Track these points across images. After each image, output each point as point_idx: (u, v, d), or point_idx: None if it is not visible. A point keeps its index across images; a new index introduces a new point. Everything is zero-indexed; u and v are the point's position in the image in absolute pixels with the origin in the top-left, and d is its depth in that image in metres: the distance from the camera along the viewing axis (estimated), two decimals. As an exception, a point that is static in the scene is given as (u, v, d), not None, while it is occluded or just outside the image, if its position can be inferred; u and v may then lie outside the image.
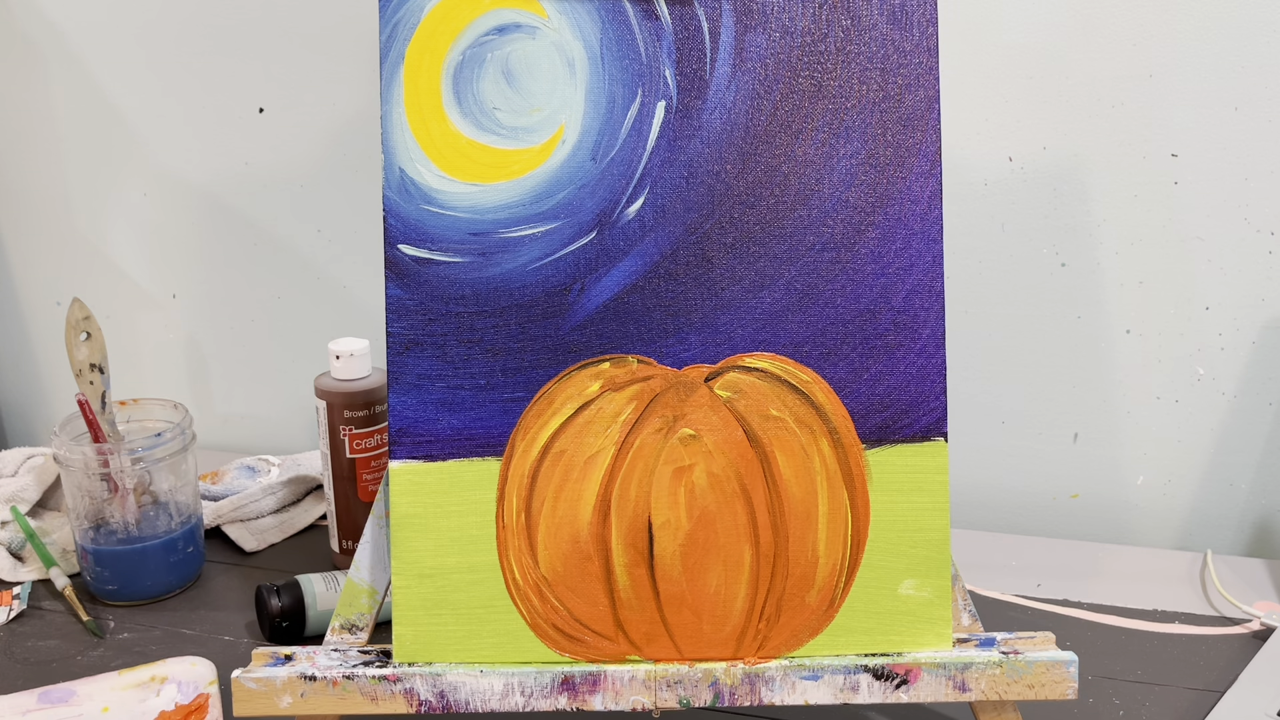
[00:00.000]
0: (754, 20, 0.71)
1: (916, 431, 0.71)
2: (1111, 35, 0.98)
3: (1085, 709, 0.81)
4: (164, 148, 1.24)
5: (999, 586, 0.97)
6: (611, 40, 0.71)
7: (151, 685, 0.76)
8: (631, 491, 0.71)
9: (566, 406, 0.71)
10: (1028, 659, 0.69)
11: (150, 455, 0.95)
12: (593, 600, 0.71)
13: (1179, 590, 0.96)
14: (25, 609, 0.96)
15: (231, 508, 1.06)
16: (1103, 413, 1.07)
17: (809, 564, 0.71)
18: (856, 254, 0.71)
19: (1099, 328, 1.04)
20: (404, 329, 0.71)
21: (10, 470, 1.10)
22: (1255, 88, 0.96)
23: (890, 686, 0.70)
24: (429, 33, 0.71)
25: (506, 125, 0.71)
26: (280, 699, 0.70)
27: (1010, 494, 1.11)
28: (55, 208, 1.30)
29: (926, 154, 0.71)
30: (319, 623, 0.90)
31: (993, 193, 1.03)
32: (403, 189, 0.71)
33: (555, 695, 0.70)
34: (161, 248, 1.28)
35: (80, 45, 1.23)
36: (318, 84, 1.17)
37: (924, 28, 0.71)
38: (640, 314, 0.71)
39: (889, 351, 0.71)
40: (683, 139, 0.71)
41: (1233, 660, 0.86)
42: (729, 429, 0.71)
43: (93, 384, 0.96)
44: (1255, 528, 1.06)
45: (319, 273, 1.24)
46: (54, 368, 1.37)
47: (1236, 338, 1.02)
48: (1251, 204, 0.98)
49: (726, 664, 0.70)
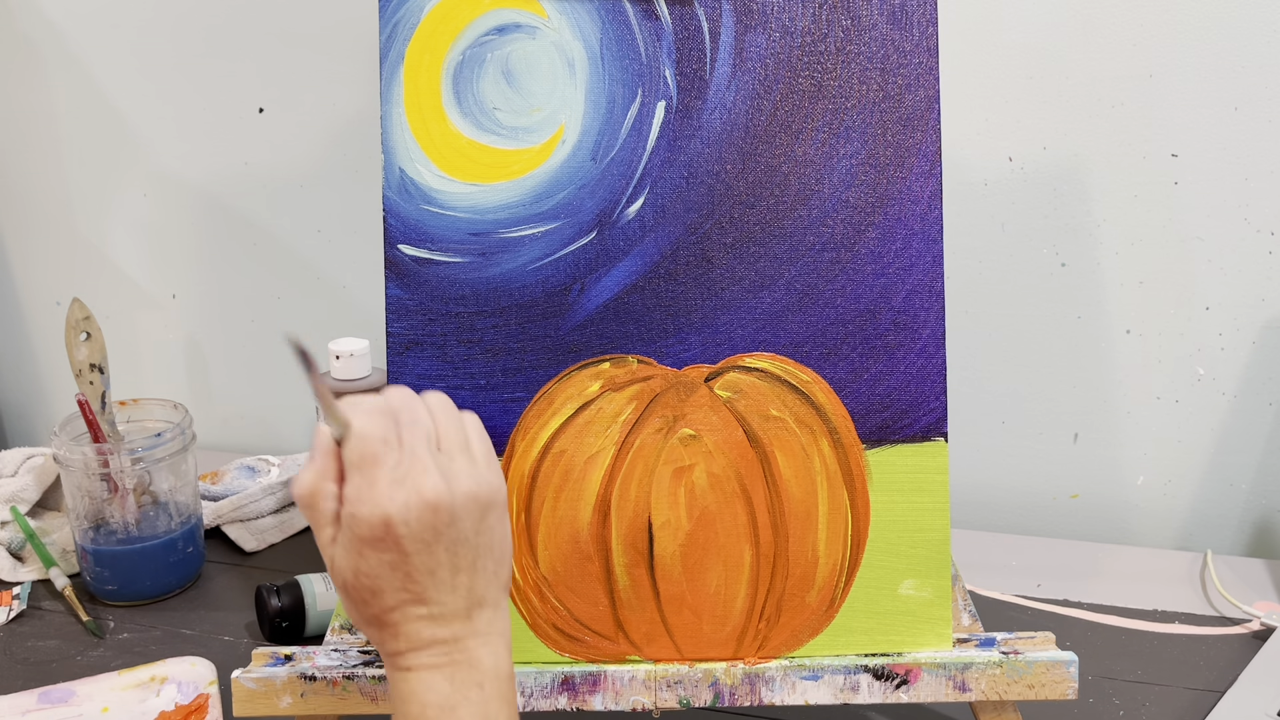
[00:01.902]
0: (754, 20, 0.71)
1: (916, 431, 0.71)
2: (1111, 35, 0.98)
3: (1085, 709, 0.81)
4: (164, 148, 1.24)
5: (999, 586, 0.97)
6: (611, 40, 0.71)
7: (151, 685, 0.76)
8: (631, 491, 0.71)
9: (566, 407, 0.71)
10: (1028, 659, 0.69)
11: (150, 455, 0.95)
12: (593, 600, 0.71)
13: (1179, 590, 0.96)
14: (25, 609, 0.96)
15: (231, 508, 1.06)
16: (1103, 413, 1.07)
17: (809, 564, 0.71)
18: (856, 254, 0.71)
19: (1099, 328, 1.04)
20: (404, 329, 0.71)
21: (10, 470, 1.10)
22: (1255, 88, 0.96)
23: (890, 686, 0.70)
24: (429, 33, 0.71)
25: (506, 125, 0.71)
26: (280, 699, 0.70)
27: (1010, 494, 1.11)
28: (56, 208, 1.30)
29: (926, 154, 0.71)
30: (319, 623, 0.90)
31: (993, 193, 1.03)
32: (403, 189, 0.71)
33: (555, 695, 0.70)
34: (161, 248, 1.28)
35: (80, 46, 1.23)
36: (318, 84, 1.17)
37: (924, 28, 0.71)
38: (640, 314, 0.71)
39: (889, 351, 0.71)
40: (683, 139, 0.71)
41: (1233, 660, 0.86)
42: (729, 429, 0.71)
43: (93, 384, 0.96)
44: (1255, 528, 1.06)
45: (319, 273, 1.24)
46: (54, 368, 1.37)
47: (1236, 338, 1.02)
48: (1251, 204, 0.98)
49: (727, 664, 0.70)
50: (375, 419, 0.56)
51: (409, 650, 0.56)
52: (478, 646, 0.57)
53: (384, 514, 0.54)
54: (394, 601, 0.56)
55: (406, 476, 0.55)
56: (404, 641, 0.56)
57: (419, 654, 0.56)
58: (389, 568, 0.55)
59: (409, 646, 0.56)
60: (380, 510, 0.54)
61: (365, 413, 0.56)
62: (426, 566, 0.55)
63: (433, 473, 0.55)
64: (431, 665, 0.56)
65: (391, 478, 0.55)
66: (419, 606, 0.56)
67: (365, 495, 0.55)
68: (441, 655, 0.56)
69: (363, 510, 0.55)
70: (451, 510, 0.55)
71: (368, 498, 0.55)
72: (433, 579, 0.56)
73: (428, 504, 0.55)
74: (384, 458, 0.55)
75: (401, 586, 0.56)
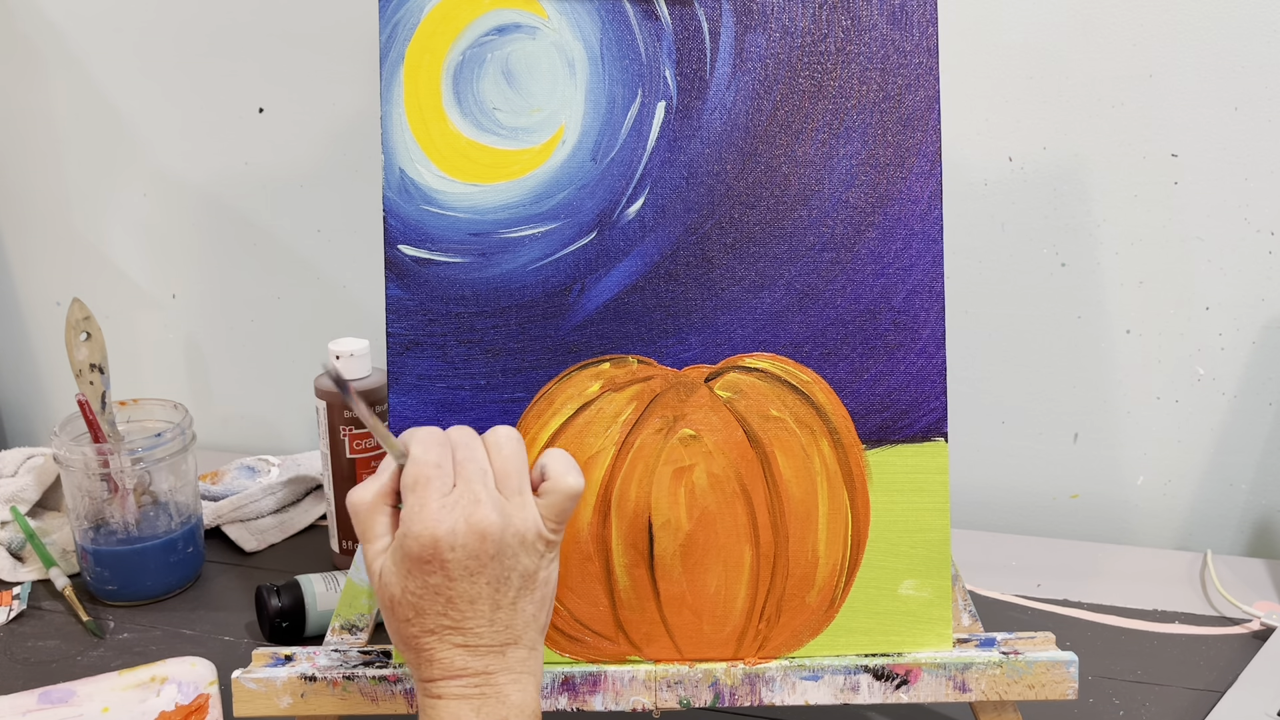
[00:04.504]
0: (754, 20, 0.71)
1: (917, 432, 0.71)
2: (1111, 35, 0.98)
3: (1085, 709, 0.81)
4: (164, 148, 1.24)
5: (999, 586, 0.97)
6: (611, 40, 0.71)
7: (151, 685, 0.76)
8: (632, 492, 0.71)
9: (567, 407, 0.71)
10: (1028, 659, 0.69)
11: (150, 455, 0.95)
12: (593, 600, 0.71)
13: (1179, 590, 0.96)
14: (25, 609, 0.96)
15: (231, 508, 1.06)
16: (1103, 413, 1.07)
17: (809, 564, 0.71)
18: (856, 254, 0.71)
19: (1099, 328, 1.04)
20: (404, 329, 0.71)
21: (10, 470, 1.10)
22: (1255, 88, 0.96)
23: (890, 687, 0.70)
24: (429, 33, 0.71)
25: (506, 125, 0.71)
26: (280, 699, 0.70)
27: (1010, 494, 1.11)
28: (55, 208, 1.30)
29: (926, 154, 0.71)
30: (319, 623, 0.90)
31: (993, 193, 1.03)
32: (403, 189, 0.71)
33: (555, 695, 0.70)
34: (161, 248, 1.28)
35: (80, 46, 1.23)
36: (318, 84, 1.17)
37: (924, 28, 0.71)
38: (640, 314, 0.71)
39: (889, 352, 0.71)
40: (683, 139, 0.71)
41: (1233, 660, 0.86)
42: (729, 429, 0.71)
43: (93, 384, 0.96)
44: (1255, 528, 1.06)
45: (319, 273, 1.24)
46: (54, 368, 1.37)
47: (1236, 338, 1.02)
48: (1251, 204, 0.98)
49: (727, 664, 0.70)
50: (431, 446, 0.60)
51: (442, 678, 0.59)
52: (508, 683, 0.59)
53: (433, 535, 0.57)
54: (434, 625, 0.58)
55: (457, 503, 0.58)
56: (438, 668, 0.59)
57: (450, 683, 0.59)
58: (433, 591, 0.58)
59: (442, 674, 0.59)
60: (430, 530, 0.57)
61: (421, 441, 0.60)
62: (468, 595, 0.58)
63: (484, 504, 0.58)
64: (460, 695, 0.58)
65: (442, 503, 0.58)
66: (456, 634, 0.59)
67: (416, 515, 0.58)
68: (471, 686, 0.59)
69: (414, 528, 0.58)
70: (500, 543, 0.58)
71: (418, 517, 0.58)
72: (473, 608, 0.59)
73: (475, 532, 0.58)
74: (435, 481, 0.58)
75: (442, 611, 0.58)
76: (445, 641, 0.58)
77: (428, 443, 0.60)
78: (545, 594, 0.61)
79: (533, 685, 0.60)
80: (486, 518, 0.58)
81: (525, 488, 0.61)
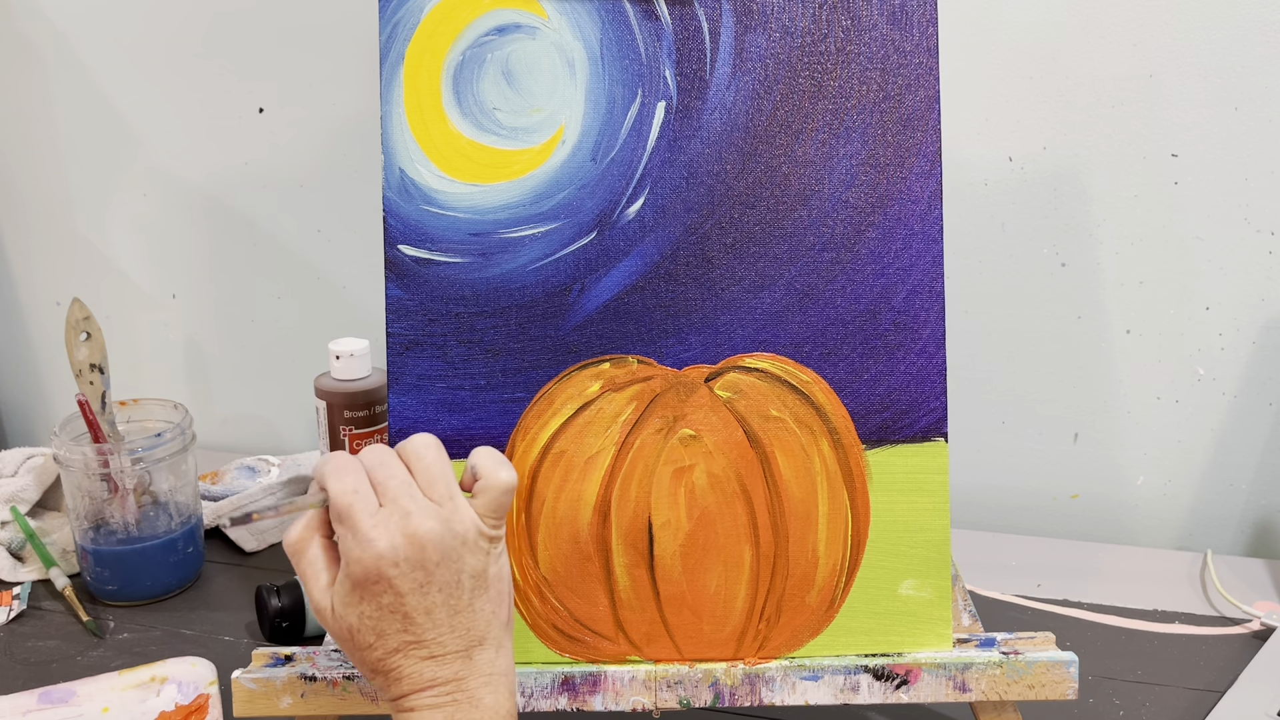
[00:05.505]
0: (754, 20, 0.71)
1: (917, 432, 0.71)
2: (1111, 35, 0.98)
3: (1085, 709, 0.81)
4: (164, 148, 1.24)
5: (999, 586, 0.97)
6: (611, 40, 0.71)
7: (151, 685, 0.76)
8: (631, 492, 0.71)
9: (567, 407, 0.71)
10: (1028, 659, 0.69)
11: (150, 455, 0.95)
12: (593, 600, 0.71)
13: (1179, 590, 0.96)
14: (25, 609, 0.96)
15: (231, 508, 1.06)
16: (1103, 413, 1.07)
17: (809, 564, 0.71)
18: (856, 254, 0.71)
19: (1099, 328, 1.04)
20: (404, 329, 0.71)
21: (10, 470, 1.10)
22: (1255, 88, 0.96)
23: (890, 687, 0.70)
24: (429, 33, 0.71)
25: (506, 125, 0.71)
26: (280, 699, 0.70)
27: (1010, 494, 1.11)
28: (55, 208, 1.30)
29: (926, 154, 0.71)
30: (319, 623, 0.90)
31: (993, 193, 1.03)
32: (403, 189, 0.71)
33: (555, 695, 0.70)
34: (161, 248, 1.28)
35: (80, 46, 1.23)
36: (318, 84, 1.17)
37: (924, 28, 0.71)
38: (640, 314, 0.71)
39: (889, 352, 0.71)
40: (683, 139, 0.71)
41: (1233, 660, 0.86)
42: (729, 429, 0.71)
43: (93, 384, 0.96)
44: (1255, 528, 1.06)
45: (319, 273, 1.24)
46: (54, 368, 1.37)
47: (1237, 338, 1.02)
48: (1251, 204, 0.98)
49: (727, 664, 0.70)
50: (344, 475, 0.59)
51: (412, 692, 0.59)
52: (479, 686, 0.59)
53: (374, 554, 0.57)
54: (396, 644, 0.58)
55: (389, 519, 0.58)
56: (407, 684, 0.59)
57: (421, 695, 0.58)
58: (388, 611, 0.58)
59: (412, 688, 0.59)
60: (369, 551, 0.57)
61: (331, 473, 0.59)
62: (423, 607, 0.58)
63: (415, 515, 0.58)
64: (433, 705, 0.58)
65: (372, 523, 0.58)
66: (420, 649, 0.58)
67: (352, 542, 0.58)
68: (443, 695, 0.58)
69: (353, 553, 0.57)
70: (442, 549, 0.58)
71: (354, 543, 0.57)
72: (430, 619, 0.58)
73: (414, 543, 0.57)
74: (358, 505, 0.58)
75: (402, 629, 0.58)
76: (410, 658, 0.58)
77: (338, 472, 0.59)
78: (500, 590, 0.61)
79: (504, 686, 0.60)
80: (421, 525, 0.58)
81: (454, 490, 0.60)
